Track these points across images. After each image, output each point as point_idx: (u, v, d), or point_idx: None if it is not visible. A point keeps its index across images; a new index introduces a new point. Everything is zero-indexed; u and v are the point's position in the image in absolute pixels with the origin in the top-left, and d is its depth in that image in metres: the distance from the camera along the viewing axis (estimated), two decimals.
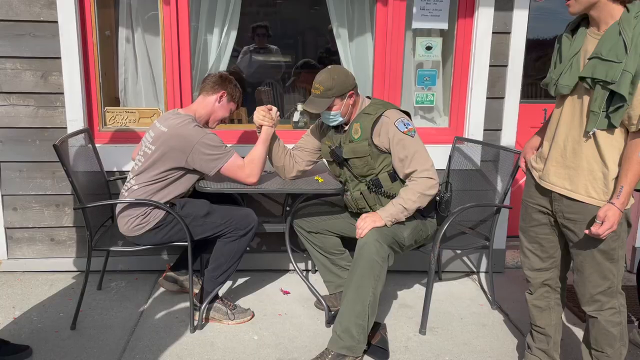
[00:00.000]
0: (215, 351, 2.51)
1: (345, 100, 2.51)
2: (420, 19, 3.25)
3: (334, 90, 2.46)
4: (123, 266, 3.34)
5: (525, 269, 2.28)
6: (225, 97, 2.71)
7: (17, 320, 2.74)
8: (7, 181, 3.16)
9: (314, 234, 2.85)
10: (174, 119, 2.57)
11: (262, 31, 4.34)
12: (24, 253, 3.29)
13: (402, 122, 2.48)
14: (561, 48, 2.00)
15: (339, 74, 2.49)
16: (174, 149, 2.50)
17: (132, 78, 3.33)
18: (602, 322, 2.05)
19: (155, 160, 2.54)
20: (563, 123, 1.99)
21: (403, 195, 2.44)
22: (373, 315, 2.38)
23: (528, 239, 2.22)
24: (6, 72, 3.02)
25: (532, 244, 2.21)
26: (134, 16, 3.25)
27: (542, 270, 2.22)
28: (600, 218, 1.86)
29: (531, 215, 2.18)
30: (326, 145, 2.69)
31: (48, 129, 3.11)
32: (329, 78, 2.47)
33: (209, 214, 2.62)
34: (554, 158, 2.03)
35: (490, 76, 3.26)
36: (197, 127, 2.55)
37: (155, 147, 2.54)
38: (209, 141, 2.51)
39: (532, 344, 2.34)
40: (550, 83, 2.00)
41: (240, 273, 3.33)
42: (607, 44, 1.82)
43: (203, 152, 2.50)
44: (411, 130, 2.47)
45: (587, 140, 1.92)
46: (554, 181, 2.03)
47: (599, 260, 1.98)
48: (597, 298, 2.03)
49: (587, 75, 1.86)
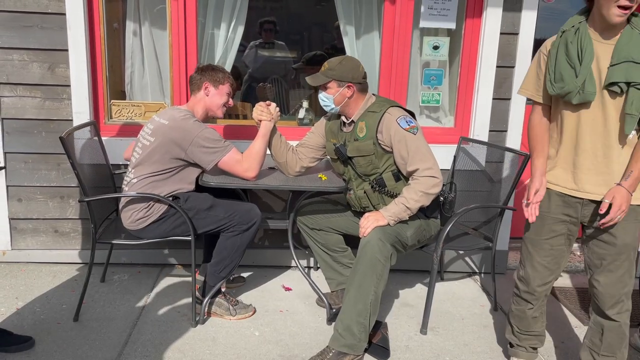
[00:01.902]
0: (216, 346, 2.52)
1: (342, 90, 2.52)
2: (427, 18, 3.24)
3: (335, 72, 2.51)
4: (126, 259, 3.36)
5: (535, 284, 2.21)
6: (209, 85, 2.71)
7: (20, 311, 2.75)
8: (13, 172, 3.17)
9: (316, 230, 2.85)
10: (175, 112, 2.59)
11: (269, 26, 4.34)
12: (28, 244, 3.31)
13: (405, 119, 2.47)
14: (570, 55, 1.94)
15: (348, 62, 2.53)
16: (174, 141, 2.52)
17: (139, 72, 3.34)
18: (623, 326, 2.08)
19: (153, 152, 2.55)
20: (587, 130, 1.97)
21: (405, 194, 2.44)
22: (374, 314, 2.38)
23: (542, 252, 2.17)
24: (13, 64, 3.03)
25: (545, 258, 2.17)
26: (141, 10, 3.25)
27: (549, 282, 2.22)
28: (608, 198, 1.91)
29: (550, 227, 2.13)
30: (331, 142, 2.69)
31: (54, 120, 3.12)
32: (337, 60, 2.53)
33: (212, 207, 2.63)
34: (584, 166, 2.00)
35: (497, 77, 3.25)
36: (197, 121, 2.58)
37: (154, 138, 2.55)
38: (208, 134, 2.54)
39: (518, 342, 2.38)
40: (574, 92, 1.92)
41: (242, 269, 3.34)
42: (634, 48, 1.85)
43: (202, 144, 2.52)
44: (413, 128, 2.46)
45: (623, 144, 1.94)
46: (589, 189, 2.01)
47: (632, 258, 2.03)
48: (622, 299, 2.07)
49: (621, 79, 1.86)
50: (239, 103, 3.76)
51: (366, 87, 2.60)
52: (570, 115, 2.01)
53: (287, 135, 3.31)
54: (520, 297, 2.29)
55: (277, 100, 4.26)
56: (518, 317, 2.32)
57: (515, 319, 2.34)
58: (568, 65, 1.94)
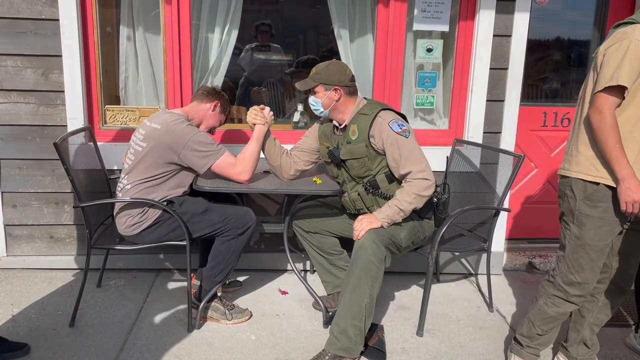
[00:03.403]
0: (213, 351, 2.52)
1: (329, 93, 2.53)
2: (421, 21, 3.25)
3: (321, 76, 2.53)
4: (122, 264, 3.35)
5: (592, 285, 2.15)
6: (218, 107, 2.80)
7: (16, 317, 2.75)
8: (7, 178, 3.17)
9: (312, 233, 2.86)
10: (166, 116, 2.60)
11: (265, 28, 4.34)
12: (23, 250, 3.30)
13: (396, 123, 2.48)
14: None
15: (335, 66, 2.56)
16: (166, 145, 2.52)
17: (133, 77, 3.34)
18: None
19: (146, 157, 2.55)
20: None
21: (399, 197, 2.45)
22: (370, 316, 2.39)
23: (603, 255, 2.10)
24: (7, 70, 3.03)
25: (601, 259, 2.11)
26: (135, 14, 3.25)
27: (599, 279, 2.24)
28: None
29: (612, 229, 2.06)
30: (324, 146, 2.70)
31: (48, 126, 3.12)
32: (324, 65, 2.57)
33: (206, 211, 2.63)
34: None
35: (490, 79, 3.27)
36: (189, 125, 2.59)
37: (146, 144, 2.55)
38: (201, 138, 2.55)
39: (528, 343, 2.35)
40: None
41: (238, 273, 3.34)
42: None
43: (195, 148, 2.52)
44: (405, 131, 2.47)
45: None
46: None
47: None
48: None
49: None
50: (234, 107, 3.76)
51: (354, 90, 2.60)
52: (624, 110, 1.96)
53: (282, 138, 3.31)
54: (565, 301, 2.19)
55: (272, 103, 4.26)
56: (552, 318, 2.23)
57: (547, 319, 2.24)
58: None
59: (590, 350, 2.37)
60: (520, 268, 3.64)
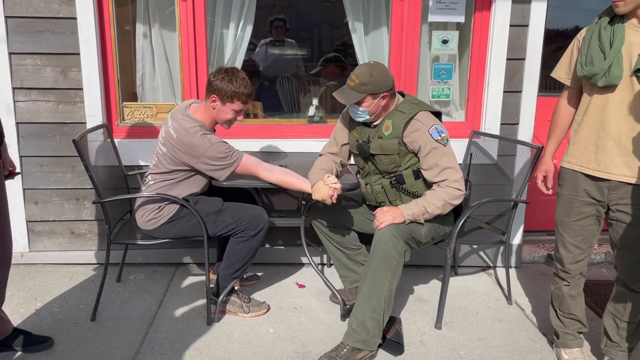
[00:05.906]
0: (232, 344, 2.54)
1: (377, 101, 2.44)
2: (436, 12, 3.23)
3: (369, 86, 2.39)
4: (141, 259, 3.39)
5: (567, 263, 2.33)
6: (217, 100, 2.54)
7: (39, 311, 2.80)
8: (28, 175, 3.22)
9: (333, 228, 2.84)
10: (184, 122, 2.53)
11: (279, 24, 4.35)
12: (45, 246, 3.36)
13: (436, 130, 2.44)
14: (602, 40, 2.06)
15: (379, 72, 2.41)
16: (181, 155, 2.52)
17: (150, 73, 3.37)
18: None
19: (165, 158, 2.57)
20: (613, 113, 2.07)
21: (428, 198, 2.43)
22: (388, 309, 2.39)
23: (572, 233, 2.29)
24: (27, 68, 3.07)
25: (575, 238, 2.29)
26: (151, 12, 3.27)
27: (581, 260, 2.32)
28: None
29: (579, 209, 2.25)
30: (354, 136, 2.65)
31: (68, 124, 3.16)
32: (367, 73, 2.40)
33: (220, 211, 2.63)
34: (607, 148, 2.10)
35: (507, 69, 3.23)
36: (204, 136, 2.49)
37: (166, 149, 2.57)
38: (215, 153, 2.49)
39: (563, 329, 2.42)
40: (599, 74, 2.05)
41: (255, 267, 3.36)
42: None
43: (209, 163, 2.52)
44: (444, 139, 2.44)
45: None
46: (612, 170, 2.11)
47: None
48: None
49: None
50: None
51: (395, 89, 2.55)
52: (597, 98, 2.12)
53: (297, 132, 3.32)
54: (557, 276, 2.40)
55: (287, 98, 4.27)
56: (558, 297, 2.41)
57: (557, 300, 2.42)
58: (599, 49, 2.06)
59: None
60: (539, 260, 3.61)
